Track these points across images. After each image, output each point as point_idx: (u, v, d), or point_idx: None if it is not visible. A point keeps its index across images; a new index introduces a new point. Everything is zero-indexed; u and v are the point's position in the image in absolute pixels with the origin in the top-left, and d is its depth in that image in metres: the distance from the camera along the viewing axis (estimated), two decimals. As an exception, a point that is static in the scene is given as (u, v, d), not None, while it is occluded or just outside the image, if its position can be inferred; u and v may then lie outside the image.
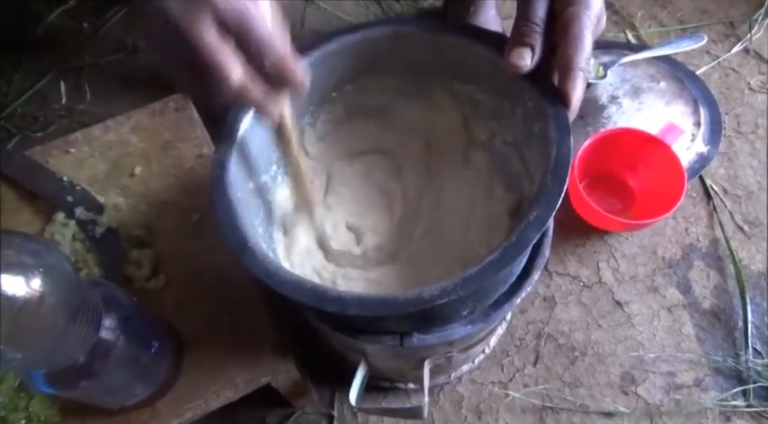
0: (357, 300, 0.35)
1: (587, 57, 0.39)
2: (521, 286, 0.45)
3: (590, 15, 0.38)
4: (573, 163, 0.68)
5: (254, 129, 0.46)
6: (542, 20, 0.40)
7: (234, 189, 0.41)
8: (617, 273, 0.70)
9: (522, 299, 0.68)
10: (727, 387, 0.62)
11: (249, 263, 0.38)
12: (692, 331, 0.65)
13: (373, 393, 0.63)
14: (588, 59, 0.39)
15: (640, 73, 0.82)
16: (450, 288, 0.34)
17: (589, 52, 0.39)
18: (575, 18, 0.38)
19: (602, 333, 0.66)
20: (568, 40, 0.38)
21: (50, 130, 0.85)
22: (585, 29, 0.38)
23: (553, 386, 0.63)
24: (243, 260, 0.38)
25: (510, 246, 0.35)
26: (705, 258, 0.70)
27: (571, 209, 0.70)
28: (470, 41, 0.45)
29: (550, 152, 0.38)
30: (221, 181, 0.41)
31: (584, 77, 0.39)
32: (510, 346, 0.66)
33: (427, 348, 0.47)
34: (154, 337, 0.44)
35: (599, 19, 0.39)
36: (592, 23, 0.39)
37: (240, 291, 0.53)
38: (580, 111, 0.80)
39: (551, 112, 0.39)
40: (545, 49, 0.40)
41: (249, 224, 0.41)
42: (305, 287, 0.36)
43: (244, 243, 0.39)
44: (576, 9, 0.39)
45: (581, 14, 0.38)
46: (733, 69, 0.85)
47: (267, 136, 0.49)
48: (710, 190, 0.74)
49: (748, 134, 0.79)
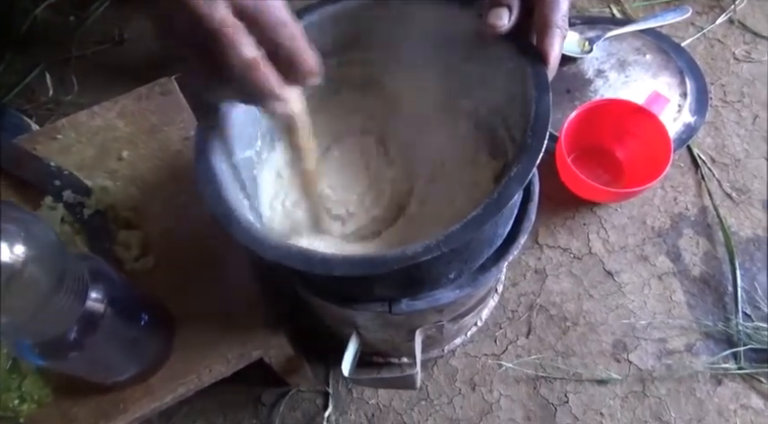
0: (342, 260, 0.35)
1: (564, 15, 0.39)
2: (507, 250, 0.46)
3: (565, -26, 0.39)
4: (560, 135, 0.69)
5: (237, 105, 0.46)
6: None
7: (218, 162, 0.41)
8: (607, 244, 0.70)
9: (514, 272, 0.69)
10: (718, 351, 0.62)
11: (235, 231, 0.38)
12: (682, 298, 0.66)
13: (366, 369, 0.63)
14: (565, 17, 0.39)
15: (626, 46, 0.82)
16: (432, 245, 0.34)
17: (566, 10, 0.39)
18: (551, -24, 0.39)
19: (593, 303, 0.66)
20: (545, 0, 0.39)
21: (40, 123, 0.85)
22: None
23: (546, 356, 0.63)
24: (229, 229, 0.38)
25: (491, 202, 0.35)
26: (694, 226, 0.70)
27: (560, 182, 0.71)
28: (449, 5, 0.45)
29: (530, 111, 0.38)
30: (204, 155, 0.41)
31: (561, 35, 0.39)
32: (502, 318, 0.66)
33: (417, 315, 0.47)
34: (143, 310, 0.44)
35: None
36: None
37: (231, 268, 0.53)
38: (567, 86, 0.82)
39: (530, 71, 0.39)
40: (522, 11, 0.40)
41: (234, 196, 0.41)
42: (291, 251, 0.37)
43: (229, 213, 0.39)
44: None
45: (557, -27, 0.39)
46: (718, 40, 0.85)
47: (251, 112, 0.49)
48: (698, 160, 0.75)
49: (734, 103, 0.79)
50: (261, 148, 0.51)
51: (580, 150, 0.74)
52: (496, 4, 0.40)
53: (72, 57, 0.92)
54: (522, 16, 0.41)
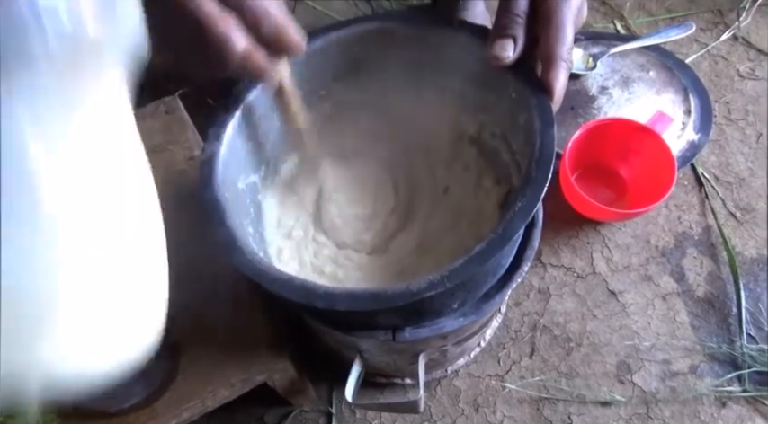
0: (346, 295, 0.35)
1: (569, 48, 0.39)
2: (511, 277, 0.46)
3: (570, 6, 0.39)
4: (564, 154, 0.69)
5: (242, 130, 0.46)
6: (524, 12, 0.40)
7: (222, 189, 0.42)
8: (611, 263, 0.70)
9: (517, 292, 0.69)
10: (723, 373, 0.62)
11: (239, 262, 0.38)
12: (686, 319, 0.66)
13: (370, 389, 0.63)
14: (570, 49, 0.39)
15: (630, 63, 0.82)
16: (437, 281, 0.35)
17: (571, 42, 0.39)
18: (556, 9, 0.39)
19: (597, 323, 0.66)
20: (550, 31, 0.39)
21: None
22: (566, 19, 0.39)
23: (549, 377, 0.63)
24: (233, 258, 0.38)
25: (496, 237, 0.35)
26: (698, 245, 0.70)
27: (563, 201, 0.71)
28: (454, 34, 0.45)
29: (535, 142, 0.38)
30: (209, 181, 0.42)
31: (566, 67, 0.39)
32: (506, 338, 0.66)
33: (420, 342, 0.47)
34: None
35: (579, 9, 0.40)
36: (572, 14, 0.39)
37: (235, 290, 0.53)
38: (570, 103, 0.82)
39: (535, 103, 0.39)
40: (527, 42, 0.40)
41: (238, 223, 0.42)
42: (294, 284, 0.37)
43: (233, 242, 0.39)
44: (557, 1, 0.39)
45: (561, 5, 0.39)
46: (722, 57, 0.85)
47: (254, 138, 0.49)
48: (702, 178, 0.74)
49: (738, 121, 0.79)
50: (265, 173, 0.51)
51: (584, 168, 0.74)
52: (501, 35, 0.40)
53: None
54: (527, 46, 0.41)
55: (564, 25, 0.38)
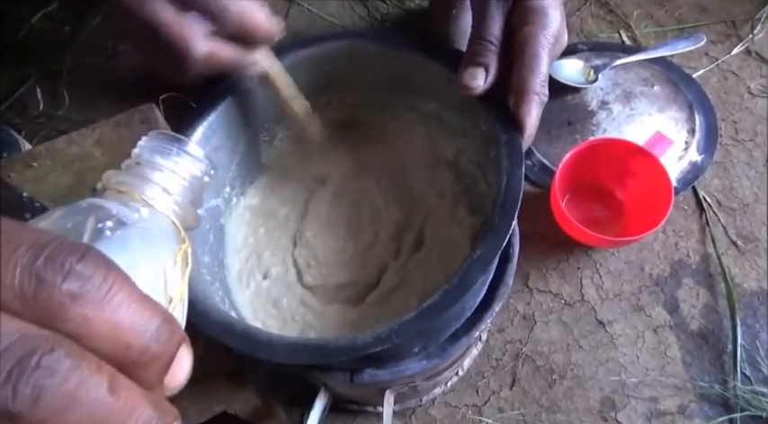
0: (287, 346, 0.33)
1: (543, 80, 0.36)
2: (480, 318, 0.43)
3: (547, 35, 0.36)
4: (555, 174, 0.65)
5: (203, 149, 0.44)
6: (497, 38, 0.37)
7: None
8: (601, 290, 0.66)
9: (501, 317, 0.66)
10: (713, 415, 0.59)
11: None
12: (677, 354, 0.62)
13: (341, 415, 0.61)
14: (544, 81, 0.36)
15: (633, 76, 0.78)
16: (384, 336, 0.32)
17: (545, 74, 0.36)
18: (530, 38, 0.36)
19: (582, 355, 0.63)
20: (523, 61, 0.36)
21: (29, 138, 0.84)
22: (542, 49, 0.36)
23: (530, 411, 0.60)
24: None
25: (450, 288, 0.32)
26: (695, 275, 0.66)
27: (554, 223, 0.67)
28: (425, 58, 0.42)
29: (501, 182, 0.35)
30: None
31: (539, 101, 0.36)
32: (486, 367, 0.63)
33: (383, 382, 0.45)
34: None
35: (557, 38, 0.36)
36: (549, 43, 0.36)
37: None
38: (568, 118, 0.78)
39: (504, 138, 0.36)
40: (501, 69, 0.37)
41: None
42: (236, 330, 0.34)
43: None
44: (533, 28, 0.36)
45: (537, 34, 0.36)
46: (732, 72, 0.80)
47: (218, 157, 0.47)
48: (703, 202, 0.71)
49: (746, 141, 0.75)
50: (230, 195, 0.49)
51: (578, 188, 0.71)
52: (472, 63, 0.37)
53: (64, 69, 0.90)
54: (501, 74, 0.38)
55: (538, 55, 0.35)
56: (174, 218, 0.24)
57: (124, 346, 0.17)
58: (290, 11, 0.92)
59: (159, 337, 0.17)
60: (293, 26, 0.91)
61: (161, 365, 0.18)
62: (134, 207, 0.23)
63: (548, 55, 0.36)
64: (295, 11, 0.92)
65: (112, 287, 0.16)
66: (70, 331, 0.16)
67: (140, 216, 0.23)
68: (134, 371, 0.17)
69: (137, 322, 0.17)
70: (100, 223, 0.21)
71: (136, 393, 0.16)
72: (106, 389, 0.15)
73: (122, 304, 0.16)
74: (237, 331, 0.34)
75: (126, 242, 0.21)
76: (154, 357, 0.17)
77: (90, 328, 0.16)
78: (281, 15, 0.92)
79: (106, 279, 0.16)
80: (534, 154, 0.75)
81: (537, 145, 0.75)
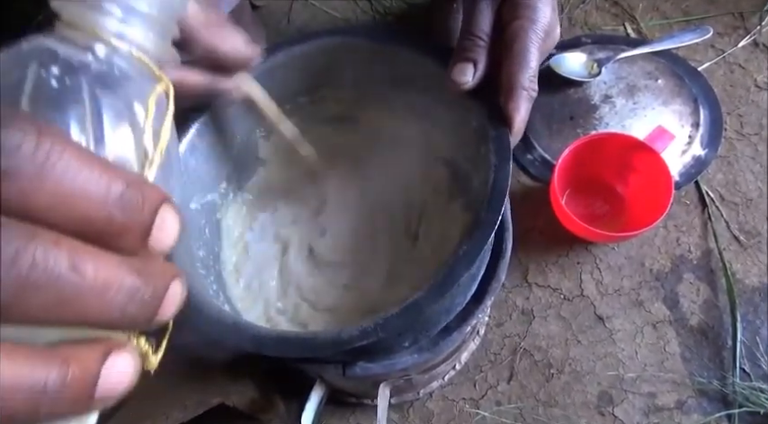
0: (275, 339, 0.34)
1: (532, 75, 0.36)
2: (472, 313, 0.43)
3: (536, 30, 0.35)
4: (554, 169, 0.65)
5: (197, 148, 0.45)
6: (486, 33, 0.37)
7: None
8: (600, 286, 0.66)
9: (499, 312, 0.66)
10: (712, 411, 0.58)
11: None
12: (677, 349, 0.62)
13: (340, 408, 0.62)
14: (533, 77, 0.36)
15: (637, 70, 0.78)
16: (370, 330, 0.32)
17: (534, 69, 0.36)
18: (520, 33, 0.36)
19: (581, 350, 0.63)
20: (512, 57, 0.36)
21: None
22: (531, 44, 0.35)
23: (527, 405, 0.61)
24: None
25: (435, 285, 0.32)
26: (696, 270, 0.66)
27: (554, 217, 0.67)
28: (418, 54, 0.42)
29: (488, 179, 0.35)
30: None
31: (528, 97, 0.36)
32: (484, 361, 0.63)
33: (376, 375, 0.45)
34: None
35: (548, 33, 0.36)
36: (539, 38, 0.36)
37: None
38: (570, 112, 0.77)
39: (492, 134, 0.36)
40: (491, 65, 0.37)
41: (183, 249, 0.40)
42: (225, 323, 0.35)
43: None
44: (522, 23, 0.36)
45: (527, 29, 0.35)
46: (739, 64, 0.79)
47: (215, 152, 0.47)
48: (706, 197, 0.70)
49: (751, 136, 0.74)
50: (226, 189, 0.49)
51: (578, 183, 0.70)
52: (461, 58, 0.37)
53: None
54: (490, 70, 0.38)
55: (528, 50, 0.35)
56: (139, 55, 0.20)
57: (81, 218, 0.15)
58: (293, 5, 0.92)
59: (124, 205, 0.15)
60: (296, 20, 0.92)
61: (136, 234, 0.16)
62: (86, 45, 0.19)
63: (537, 50, 0.35)
64: (299, 4, 0.92)
65: (50, 154, 0.14)
66: (11, 209, 0.14)
67: (95, 56, 0.19)
68: (107, 242, 0.15)
69: (90, 190, 0.15)
70: (44, 70, 0.17)
71: (109, 265, 0.15)
72: (66, 266, 0.14)
73: (67, 171, 0.14)
74: (227, 324, 0.35)
75: (77, 92, 0.17)
76: (124, 227, 0.15)
77: (34, 203, 0.14)
78: (285, 10, 0.92)
79: (40, 146, 0.14)
80: (536, 149, 0.74)
81: (538, 140, 0.75)
